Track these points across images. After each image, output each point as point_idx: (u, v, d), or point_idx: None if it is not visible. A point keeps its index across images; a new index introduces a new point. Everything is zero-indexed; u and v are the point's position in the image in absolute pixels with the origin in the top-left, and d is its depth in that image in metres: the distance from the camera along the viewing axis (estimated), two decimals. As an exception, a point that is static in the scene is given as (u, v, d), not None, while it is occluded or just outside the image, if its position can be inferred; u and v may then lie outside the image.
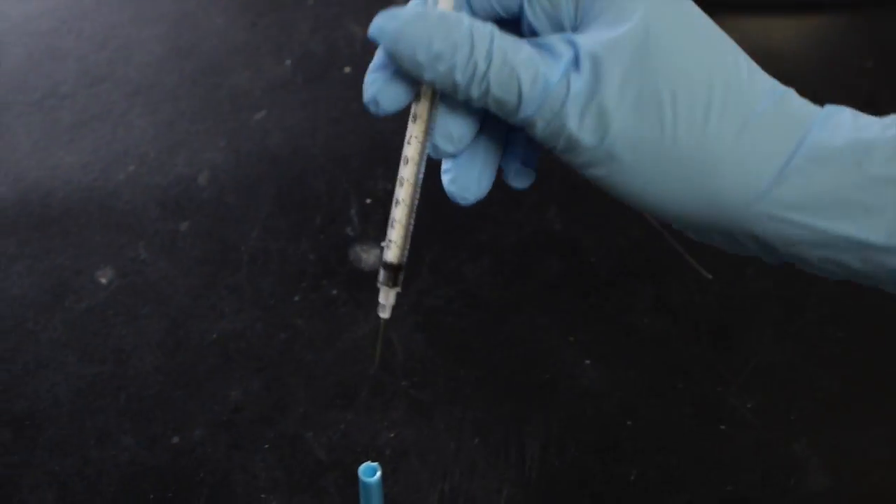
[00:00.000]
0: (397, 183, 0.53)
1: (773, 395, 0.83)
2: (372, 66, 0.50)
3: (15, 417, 0.81)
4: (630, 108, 0.48)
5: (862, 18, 1.17)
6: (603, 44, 0.48)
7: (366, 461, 0.72)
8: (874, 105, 0.56)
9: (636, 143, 0.48)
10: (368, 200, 0.97)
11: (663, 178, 0.49)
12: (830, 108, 0.50)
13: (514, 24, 0.52)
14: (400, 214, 0.53)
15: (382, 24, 0.48)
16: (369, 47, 0.50)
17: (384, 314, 0.57)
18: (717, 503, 0.77)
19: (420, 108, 0.51)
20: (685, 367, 0.85)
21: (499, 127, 0.53)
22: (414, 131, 0.52)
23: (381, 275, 0.55)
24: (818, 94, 0.53)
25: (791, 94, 0.50)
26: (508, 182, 0.55)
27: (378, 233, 0.92)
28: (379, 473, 0.71)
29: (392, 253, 0.54)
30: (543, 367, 0.85)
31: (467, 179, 0.53)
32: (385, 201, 0.95)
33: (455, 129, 0.52)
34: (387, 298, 0.56)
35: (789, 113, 0.49)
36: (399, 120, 0.52)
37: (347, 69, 1.07)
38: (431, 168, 0.53)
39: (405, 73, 0.49)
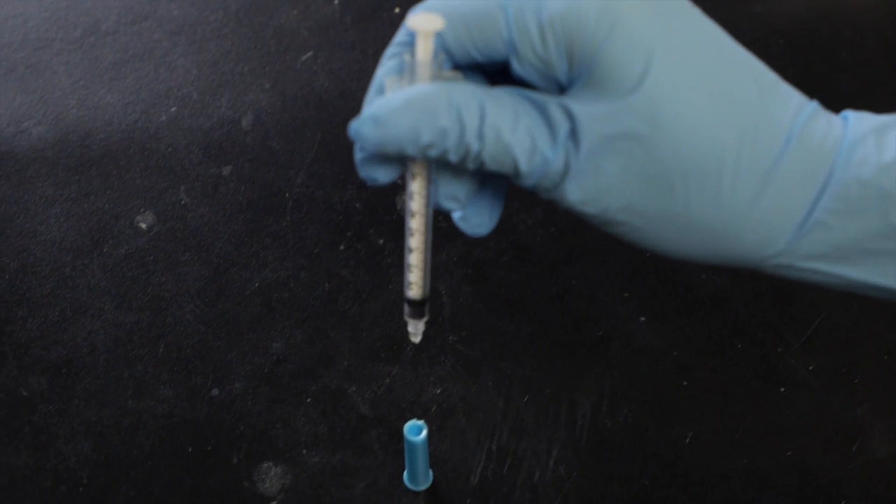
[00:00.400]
0: (406, 232, 0.51)
1: (836, 356, 0.80)
2: (358, 149, 0.47)
3: (51, 365, 0.79)
4: (635, 186, 0.45)
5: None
6: (604, 119, 0.44)
7: (411, 418, 0.69)
8: None
9: (643, 213, 0.46)
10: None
11: (676, 238, 0.47)
12: (854, 132, 0.46)
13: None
14: (416, 259, 0.53)
15: (361, 129, 0.45)
16: (422, -14, 0.47)
17: (416, 340, 0.58)
18: (775, 468, 0.74)
19: (417, 168, 0.49)
20: (744, 327, 0.81)
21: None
22: (415, 187, 0.50)
23: (407, 309, 0.56)
24: None
25: (814, 116, 0.46)
26: None
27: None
28: (425, 432, 0.69)
29: (413, 292, 0.54)
30: (596, 323, 0.81)
31: (478, 218, 0.51)
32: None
33: (459, 191, 0.49)
34: (416, 328, 0.58)
35: (810, 152, 0.46)
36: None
37: (397, 10, 1.04)
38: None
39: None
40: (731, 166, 0.45)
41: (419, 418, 0.70)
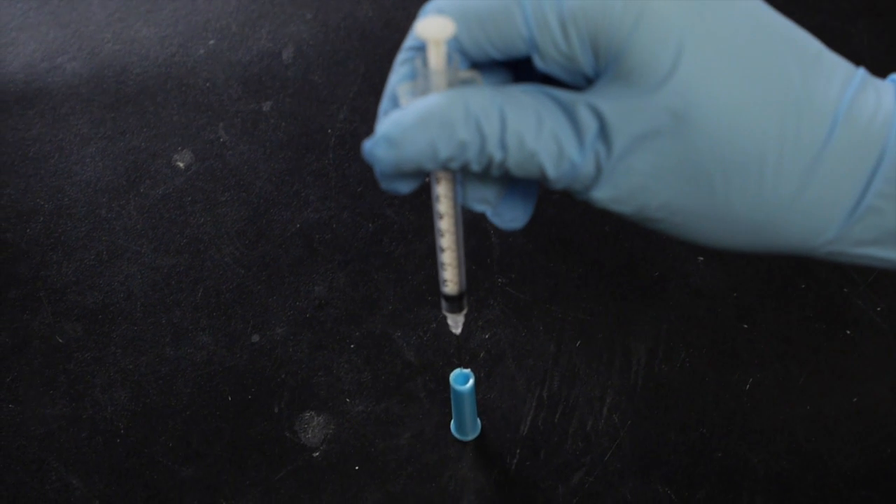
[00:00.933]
0: (436, 232, 0.50)
1: (907, 297, 0.76)
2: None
3: (87, 311, 0.77)
4: (672, 184, 0.42)
5: None
6: (634, 116, 0.41)
7: (458, 366, 0.66)
8: None
9: (682, 210, 0.43)
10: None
11: (717, 233, 0.44)
12: None
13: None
14: (449, 258, 0.52)
15: (375, 151, 0.42)
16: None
17: (457, 332, 0.59)
18: (840, 415, 0.70)
19: (441, 173, 0.47)
20: (808, 266, 0.77)
21: None
22: (441, 191, 0.48)
23: (445, 304, 0.56)
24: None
25: (861, 89, 0.42)
26: None
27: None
28: (472, 381, 0.66)
29: (449, 289, 0.54)
30: (652, 264, 0.78)
31: (511, 213, 0.49)
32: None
33: (488, 194, 0.47)
34: (455, 322, 0.58)
35: (859, 132, 0.42)
36: None
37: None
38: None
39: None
40: (773, 158, 0.41)
41: (466, 365, 0.67)
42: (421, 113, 0.41)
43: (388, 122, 0.42)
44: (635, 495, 0.68)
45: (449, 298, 0.56)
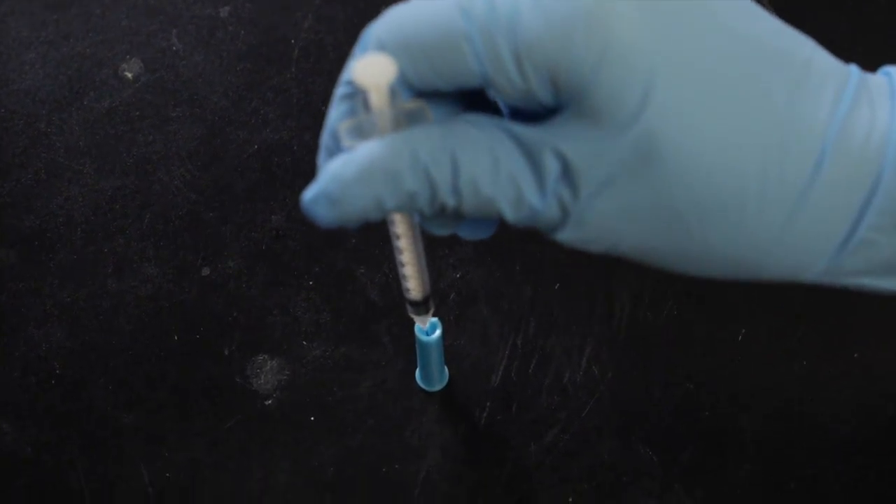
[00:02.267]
0: (395, 249, 0.48)
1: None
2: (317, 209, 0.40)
3: (22, 237, 0.70)
4: (642, 227, 0.39)
5: None
6: (601, 159, 0.37)
7: (424, 311, 0.60)
8: None
9: (656, 250, 0.40)
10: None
11: (695, 269, 0.40)
12: None
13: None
14: (410, 270, 0.50)
15: (314, 210, 0.38)
16: None
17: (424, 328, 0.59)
18: (838, 374, 0.65)
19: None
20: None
21: None
22: (396, 218, 0.45)
23: (410, 309, 0.54)
24: None
25: (854, 104, 0.38)
26: None
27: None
28: (439, 332, 0.60)
29: (414, 295, 0.52)
30: (640, 199, 0.71)
31: (476, 231, 0.45)
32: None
33: (447, 222, 0.43)
34: (424, 322, 0.57)
35: (850, 159, 0.37)
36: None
37: None
38: None
39: None
40: (754, 197, 0.37)
41: (435, 308, 0.61)
42: (363, 166, 0.37)
43: (328, 178, 0.37)
44: (614, 456, 0.62)
45: (414, 303, 0.53)
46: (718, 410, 0.64)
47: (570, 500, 0.61)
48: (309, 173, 0.72)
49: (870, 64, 0.43)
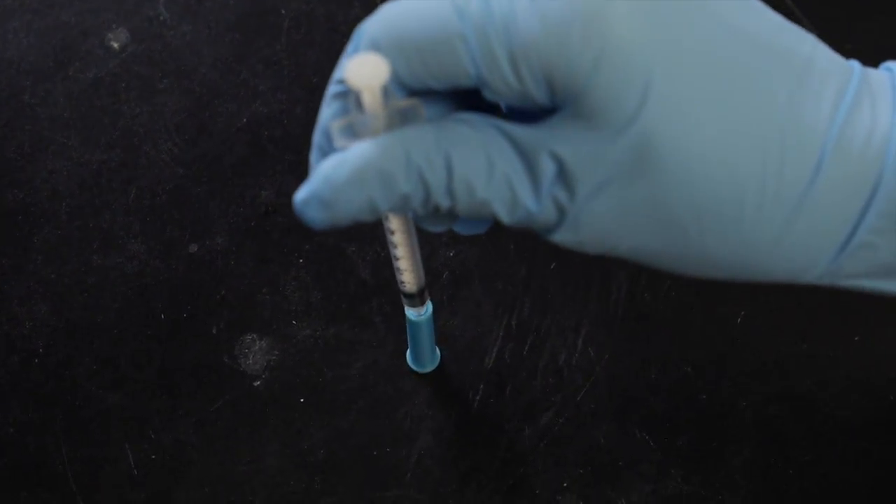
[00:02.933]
0: (389, 244, 0.48)
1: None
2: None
3: (5, 211, 0.69)
4: (639, 230, 0.38)
5: None
6: (597, 161, 0.37)
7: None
8: None
9: (652, 252, 0.39)
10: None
11: (693, 270, 0.40)
12: None
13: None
14: (405, 264, 0.50)
15: (306, 212, 0.37)
16: None
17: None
18: (839, 356, 0.63)
19: None
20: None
21: None
22: (390, 216, 0.45)
23: (405, 300, 0.54)
24: None
25: (855, 104, 0.37)
26: None
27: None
28: (430, 311, 0.58)
29: (409, 287, 0.53)
30: (638, 176, 0.70)
31: (471, 227, 0.45)
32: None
33: (442, 219, 0.42)
34: (419, 313, 0.57)
35: (850, 161, 0.37)
36: None
37: None
38: None
39: None
40: (753, 201, 0.37)
41: (428, 286, 0.60)
42: (356, 168, 0.36)
43: (320, 179, 0.37)
44: (610, 440, 0.61)
45: (409, 296, 0.52)
46: (717, 394, 0.62)
47: (565, 485, 0.60)
48: (300, 148, 0.70)
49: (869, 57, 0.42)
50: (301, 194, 0.38)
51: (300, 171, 0.69)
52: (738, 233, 0.38)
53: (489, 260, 0.66)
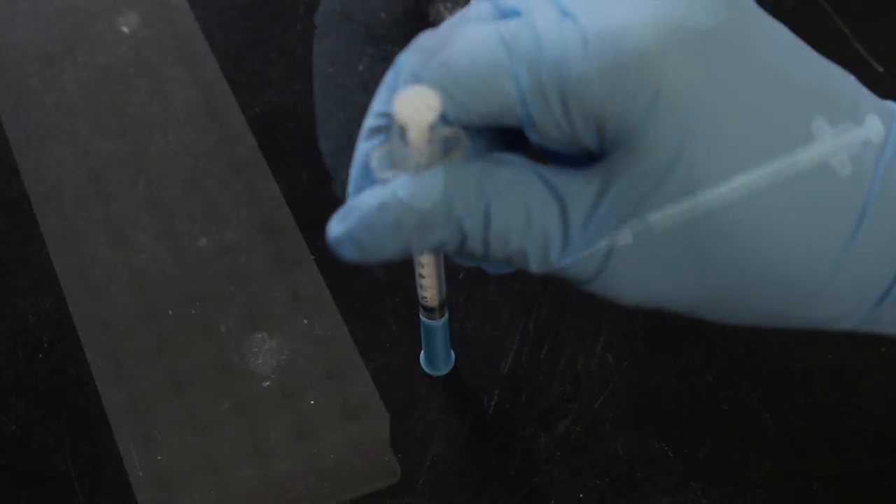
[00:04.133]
0: (416, 264, 0.49)
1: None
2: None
3: (10, 200, 0.67)
4: (678, 283, 0.38)
5: None
6: (637, 211, 0.36)
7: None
8: None
9: (689, 305, 0.40)
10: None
11: (730, 319, 0.40)
12: None
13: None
14: (428, 283, 0.50)
15: (341, 249, 0.39)
16: None
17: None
18: (866, 367, 0.62)
19: None
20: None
21: None
22: None
23: (424, 313, 0.54)
24: None
25: None
26: None
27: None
28: (446, 315, 0.57)
29: (430, 301, 0.53)
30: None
31: (501, 268, 0.46)
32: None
33: (471, 261, 0.42)
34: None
35: (893, 211, 0.36)
36: None
37: None
38: None
39: None
40: (798, 252, 0.36)
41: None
42: (396, 216, 0.36)
43: (356, 220, 0.37)
44: (628, 450, 0.60)
45: (429, 309, 0.52)
46: (738, 404, 0.61)
47: (581, 495, 0.59)
48: (314, 141, 0.69)
49: None
50: (336, 231, 0.38)
51: (314, 165, 0.68)
52: (779, 286, 0.37)
53: (507, 261, 0.65)
